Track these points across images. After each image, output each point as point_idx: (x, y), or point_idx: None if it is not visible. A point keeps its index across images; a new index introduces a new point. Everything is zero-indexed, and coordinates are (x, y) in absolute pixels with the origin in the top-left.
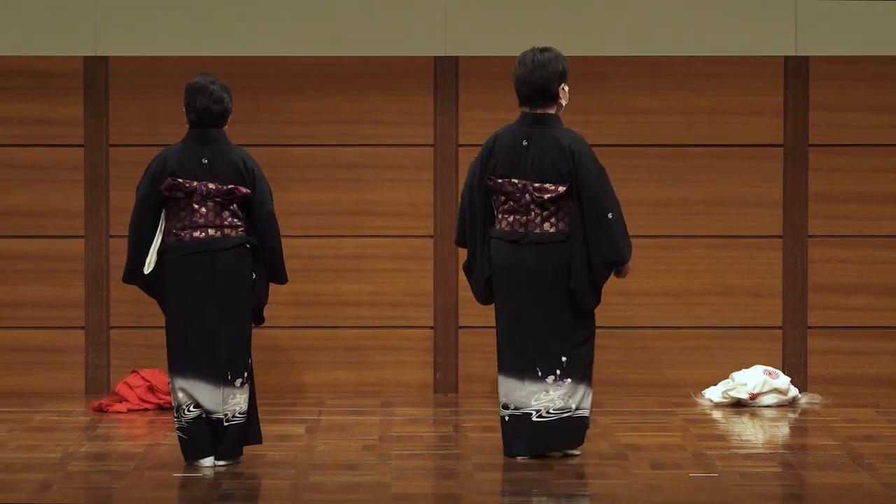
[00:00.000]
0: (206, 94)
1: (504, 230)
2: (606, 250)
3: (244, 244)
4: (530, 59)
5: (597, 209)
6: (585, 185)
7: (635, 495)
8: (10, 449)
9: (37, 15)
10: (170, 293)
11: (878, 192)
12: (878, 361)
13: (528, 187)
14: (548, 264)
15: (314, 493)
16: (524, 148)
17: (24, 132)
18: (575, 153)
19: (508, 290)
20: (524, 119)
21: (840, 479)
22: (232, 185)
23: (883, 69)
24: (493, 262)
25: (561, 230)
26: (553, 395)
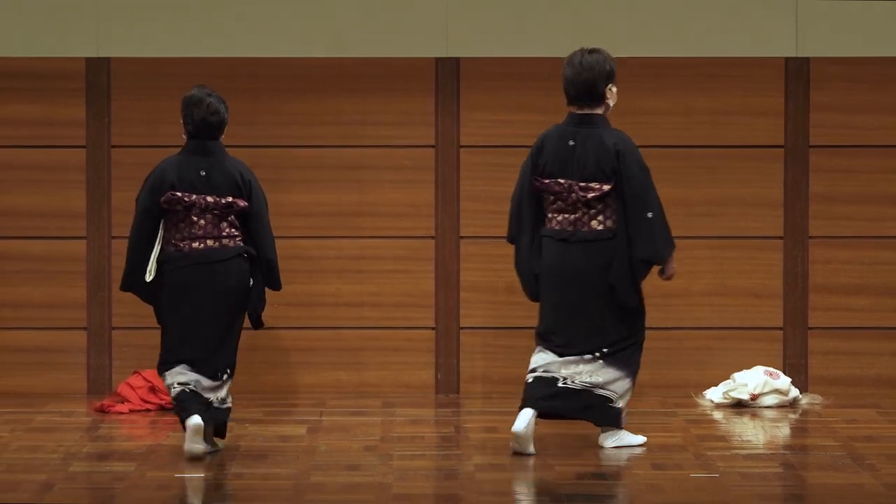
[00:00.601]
0: (202, 107)
1: (553, 229)
2: (645, 248)
3: (241, 254)
4: (578, 61)
5: (638, 208)
6: (628, 184)
7: (636, 495)
8: (13, 449)
9: (39, 16)
10: (169, 301)
11: (879, 193)
12: (878, 362)
13: (574, 186)
14: (595, 261)
15: (316, 493)
16: (571, 148)
17: (27, 133)
18: (620, 153)
19: (556, 286)
20: (571, 119)
21: (841, 479)
22: (230, 199)
23: (884, 70)
24: (544, 260)
25: (608, 227)
26: (583, 368)
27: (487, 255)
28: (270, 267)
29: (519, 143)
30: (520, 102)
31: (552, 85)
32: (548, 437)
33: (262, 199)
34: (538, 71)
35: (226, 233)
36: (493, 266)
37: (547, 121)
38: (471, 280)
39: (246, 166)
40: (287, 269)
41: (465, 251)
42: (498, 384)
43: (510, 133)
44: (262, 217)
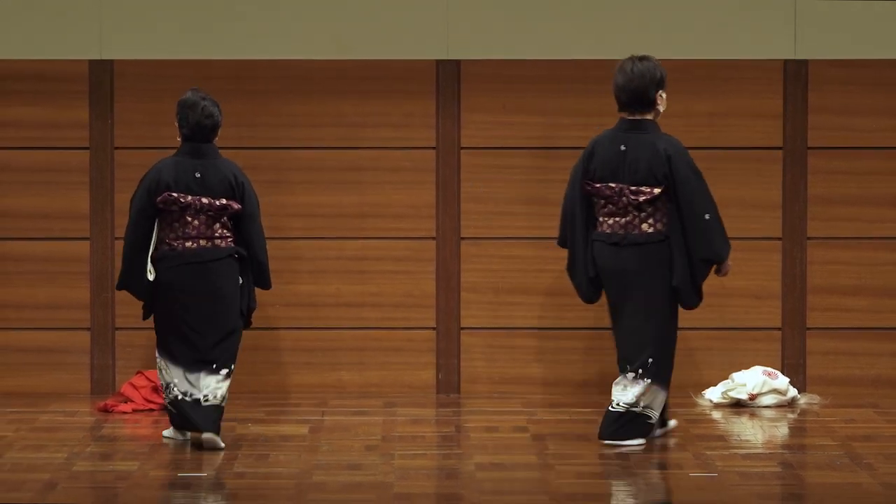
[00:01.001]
0: (197, 110)
1: (605, 232)
2: (705, 249)
3: (233, 254)
4: (629, 68)
5: (694, 211)
6: (682, 188)
7: (636, 495)
8: (17, 449)
9: (42, 19)
10: (162, 299)
11: (877, 194)
12: (876, 362)
13: (625, 191)
14: (646, 264)
15: (318, 492)
16: (622, 153)
17: (31, 135)
18: (671, 157)
19: (610, 291)
20: (622, 125)
21: (839, 478)
22: (224, 201)
23: (882, 73)
24: (598, 264)
25: (659, 230)
26: (629, 391)
27: (488, 256)
28: (262, 269)
29: (519, 145)
30: (520, 104)
31: (552, 87)
32: (548, 436)
33: (255, 201)
34: (538, 73)
35: (218, 233)
36: (493, 267)
37: (547, 122)
38: (471, 281)
39: (239, 168)
40: (289, 269)
41: (466, 252)
42: (498, 384)
43: (510, 135)
44: (255, 219)
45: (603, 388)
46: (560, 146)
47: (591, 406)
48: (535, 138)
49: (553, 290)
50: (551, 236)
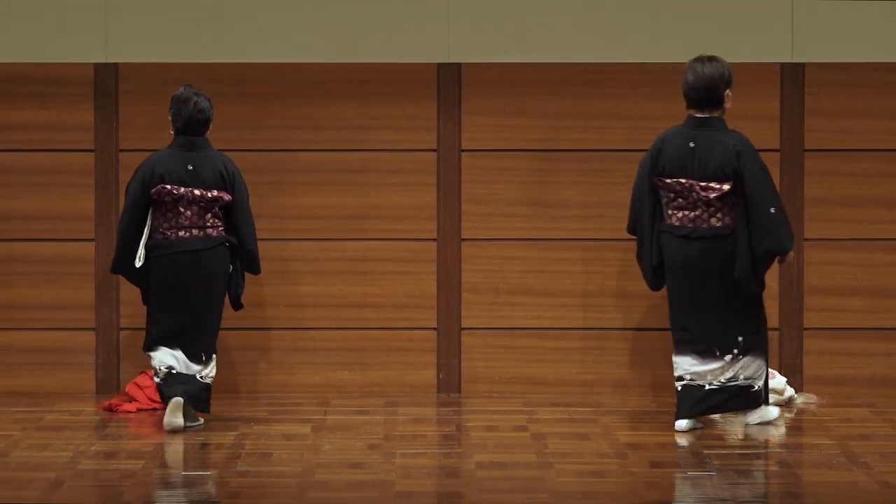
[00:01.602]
0: (189, 105)
1: (674, 225)
2: (770, 242)
3: (223, 243)
4: (700, 67)
5: (761, 204)
6: (749, 182)
7: (634, 493)
8: (23, 448)
9: (49, 23)
10: (156, 286)
11: (873, 196)
12: (872, 362)
13: (696, 186)
14: (715, 256)
15: (320, 491)
16: (692, 149)
17: (37, 137)
18: (739, 153)
19: (681, 282)
20: (691, 122)
21: (835, 477)
22: (216, 192)
23: (878, 76)
24: (665, 255)
25: (726, 224)
26: (725, 367)
27: (488, 257)
28: (252, 256)
29: (519, 148)
30: (519, 107)
31: (551, 90)
32: (548, 435)
33: (244, 190)
34: (538, 77)
35: (210, 223)
36: (493, 267)
37: (546, 125)
38: (472, 281)
39: (229, 159)
40: (291, 270)
41: (466, 253)
42: (498, 384)
43: (510, 137)
44: (244, 207)
45: (600, 387)
46: (559, 148)
47: (590, 405)
48: (535, 141)
49: (553, 291)
50: (551, 237)
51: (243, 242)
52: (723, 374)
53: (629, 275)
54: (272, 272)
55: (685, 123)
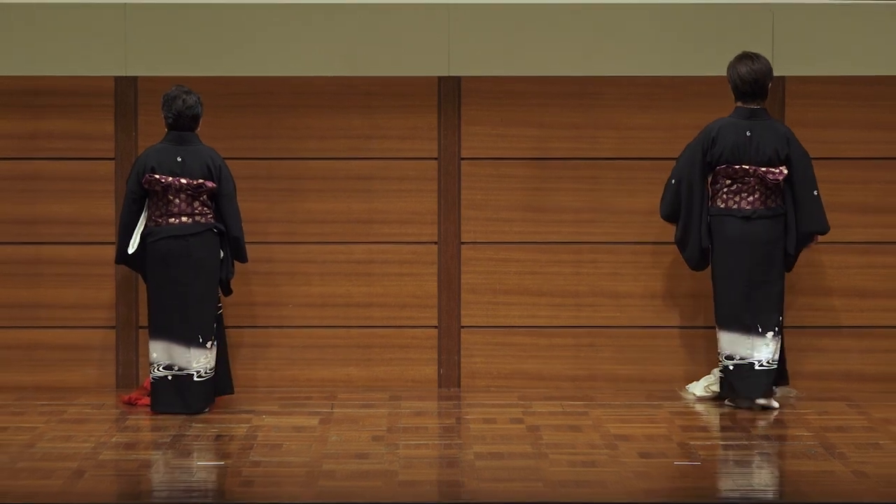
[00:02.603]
0: (179, 102)
1: (732, 208)
2: (814, 222)
3: (212, 229)
4: (750, 63)
5: (807, 187)
6: (798, 165)
7: (624, 482)
8: (47, 439)
9: (72, 39)
10: (150, 270)
11: (849, 202)
12: (847, 359)
13: (758, 171)
14: (771, 235)
15: (327, 479)
16: (748, 137)
17: (61, 146)
18: (789, 140)
19: (738, 260)
20: (742, 112)
21: (813, 466)
22: (201, 181)
23: (853, 89)
24: (722, 236)
25: (779, 205)
26: (770, 348)
27: (486, 259)
28: (238, 243)
29: (515, 156)
30: (516, 118)
31: (546, 102)
32: (542, 427)
33: (231, 182)
34: (533, 89)
35: (198, 210)
36: (491, 269)
37: (541, 135)
38: (471, 282)
39: (217, 154)
40: (301, 272)
41: (466, 255)
42: (496, 379)
43: (507, 146)
44: (231, 198)
45: (591, 382)
46: (553, 157)
47: (582, 399)
48: (530, 149)
49: (547, 291)
50: (546, 241)
51: (229, 230)
52: (767, 352)
53: (619, 276)
54: (283, 273)
55: (736, 114)
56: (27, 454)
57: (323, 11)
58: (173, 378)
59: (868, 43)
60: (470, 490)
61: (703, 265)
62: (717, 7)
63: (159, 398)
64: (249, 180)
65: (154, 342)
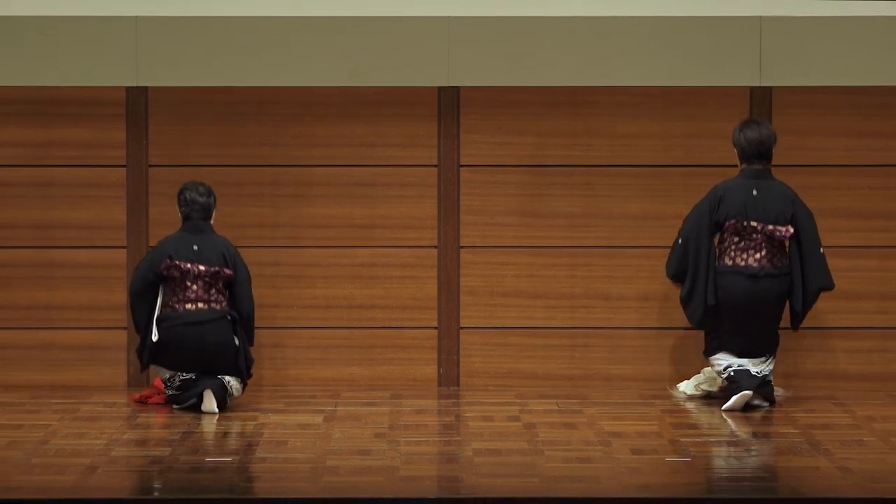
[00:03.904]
0: (192, 190)
1: (739, 265)
2: (822, 279)
3: (226, 316)
4: (758, 129)
5: (813, 245)
6: (805, 225)
7: (617, 477)
8: (61, 436)
9: (85, 51)
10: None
11: (833, 207)
12: (833, 358)
13: (765, 228)
14: (777, 292)
15: (331, 475)
16: (755, 196)
17: (74, 154)
18: (794, 200)
19: (745, 314)
20: (749, 173)
21: (800, 462)
22: (217, 268)
23: (838, 98)
24: (728, 293)
25: (785, 264)
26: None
27: (485, 263)
28: (250, 323)
29: (513, 163)
30: (514, 126)
31: (543, 111)
32: (538, 425)
33: (246, 269)
34: (530, 98)
35: (214, 298)
36: (489, 272)
37: (538, 143)
38: (470, 285)
39: (230, 243)
40: (306, 275)
41: (465, 259)
42: (494, 378)
43: (505, 154)
44: (246, 283)
45: (586, 381)
46: (549, 164)
47: (577, 397)
48: (527, 157)
49: (543, 294)
50: (542, 245)
51: (243, 311)
52: (762, 367)
53: (613, 279)
54: (289, 277)
55: (743, 175)
56: (41, 450)
57: (328, 24)
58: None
59: (853, 54)
60: (468, 485)
61: (706, 323)
62: (707, 19)
63: (185, 395)
64: (256, 186)
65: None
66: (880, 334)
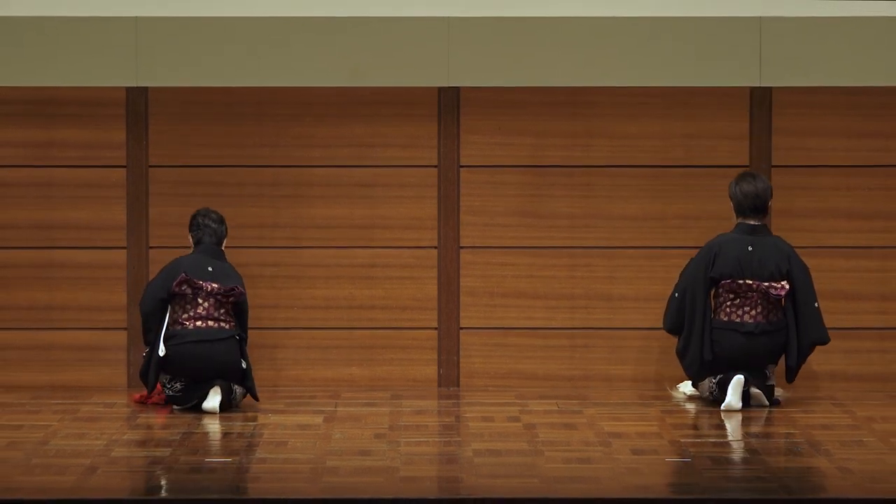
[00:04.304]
0: (205, 216)
1: (735, 321)
2: (817, 334)
3: (234, 335)
4: (753, 184)
5: (807, 300)
6: (800, 280)
7: (617, 478)
8: (61, 437)
9: (85, 51)
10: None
11: (834, 208)
12: (832, 359)
13: (761, 286)
14: (772, 347)
15: (331, 476)
16: (750, 252)
17: (74, 154)
18: (790, 256)
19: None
20: (745, 228)
21: (800, 463)
22: (232, 286)
23: (837, 98)
24: (723, 348)
25: (780, 319)
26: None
27: (484, 263)
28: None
29: (512, 164)
30: (514, 127)
31: (542, 111)
32: (538, 425)
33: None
34: (530, 98)
35: (223, 317)
36: (489, 273)
37: (538, 143)
38: (470, 285)
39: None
40: (306, 275)
41: (465, 260)
42: (494, 378)
43: (505, 154)
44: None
45: (586, 382)
46: (549, 164)
47: (577, 398)
48: (527, 157)
49: (543, 294)
50: (541, 245)
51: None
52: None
53: (613, 279)
54: (289, 277)
55: (738, 230)
56: (41, 451)
57: (327, 24)
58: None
59: (853, 54)
60: (468, 486)
61: (703, 375)
62: (707, 20)
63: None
64: (256, 187)
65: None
66: (880, 335)
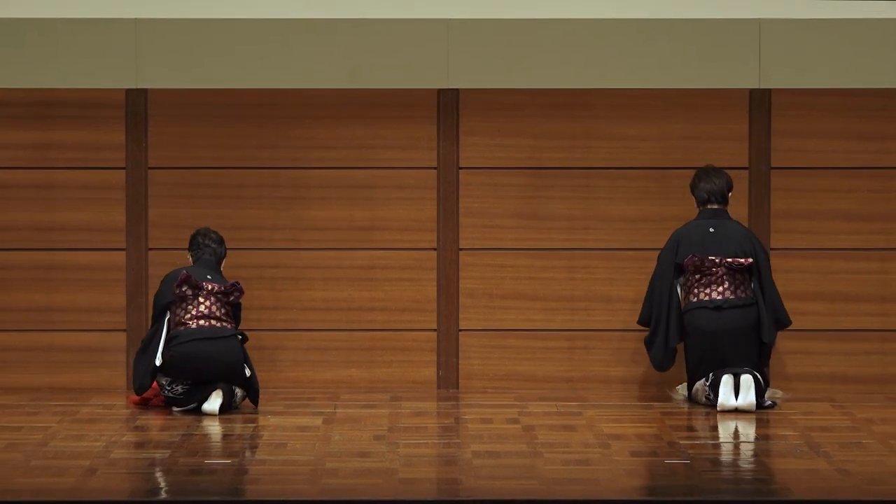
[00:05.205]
0: (205, 235)
1: (703, 300)
2: (779, 313)
3: (236, 335)
4: (714, 176)
5: (768, 282)
6: (762, 262)
7: (616, 479)
8: (60, 438)
9: (84, 53)
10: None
11: (833, 210)
12: (831, 361)
13: (724, 261)
14: (744, 322)
15: (330, 477)
16: (711, 233)
17: (73, 156)
18: (751, 238)
19: (709, 348)
20: (706, 213)
21: (799, 465)
22: (232, 284)
23: (837, 100)
24: (696, 327)
25: (748, 296)
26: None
27: (484, 265)
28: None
29: (512, 165)
30: (513, 128)
31: (541, 113)
32: (537, 427)
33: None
34: (529, 100)
35: (224, 317)
36: (488, 275)
37: (537, 145)
38: (469, 287)
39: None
40: (305, 277)
41: (464, 261)
42: (493, 380)
43: (504, 156)
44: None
45: (585, 383)
46: (548, 166)
47: (576, 400)
48: (526, 159)
49: (542, 296)
50: (540, 247)
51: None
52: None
53: (611, 281)
54: (288, 278)
55: (700, 216)
56: (41, 452)
57: (327, 26)
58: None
59: (852, 56)
60: (468, 487)
61: (667, 365)
62: (706, 21)
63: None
64: (255, 188)
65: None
66: (879, 337)
